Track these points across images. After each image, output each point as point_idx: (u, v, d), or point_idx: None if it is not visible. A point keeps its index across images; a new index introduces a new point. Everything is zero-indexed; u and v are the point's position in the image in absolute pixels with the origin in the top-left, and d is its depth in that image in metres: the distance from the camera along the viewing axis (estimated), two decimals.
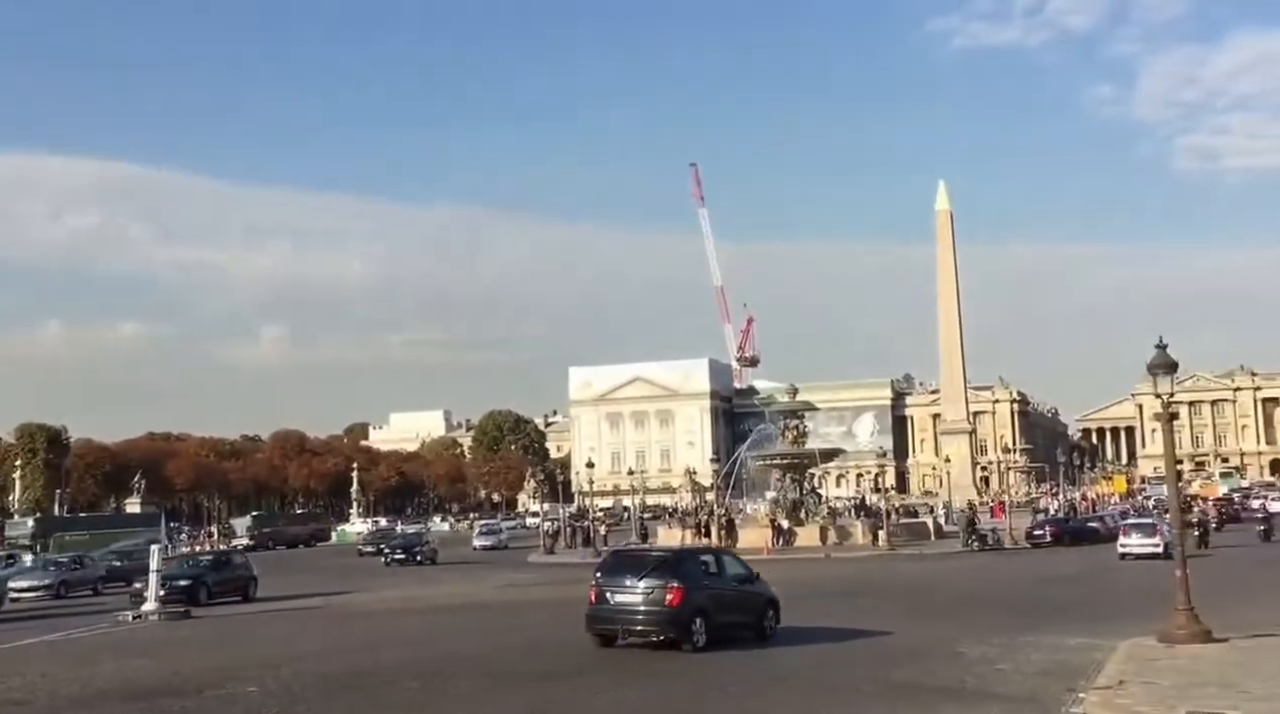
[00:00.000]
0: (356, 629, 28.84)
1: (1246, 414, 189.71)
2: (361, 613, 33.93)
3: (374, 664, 20.99)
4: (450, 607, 34.96)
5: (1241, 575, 38.26)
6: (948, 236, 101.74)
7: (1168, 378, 23.32)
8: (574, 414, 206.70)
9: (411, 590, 42.35)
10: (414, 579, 49.52)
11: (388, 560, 61.88)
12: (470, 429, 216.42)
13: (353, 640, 25.85)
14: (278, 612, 34.75)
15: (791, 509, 62.48)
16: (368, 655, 22.40)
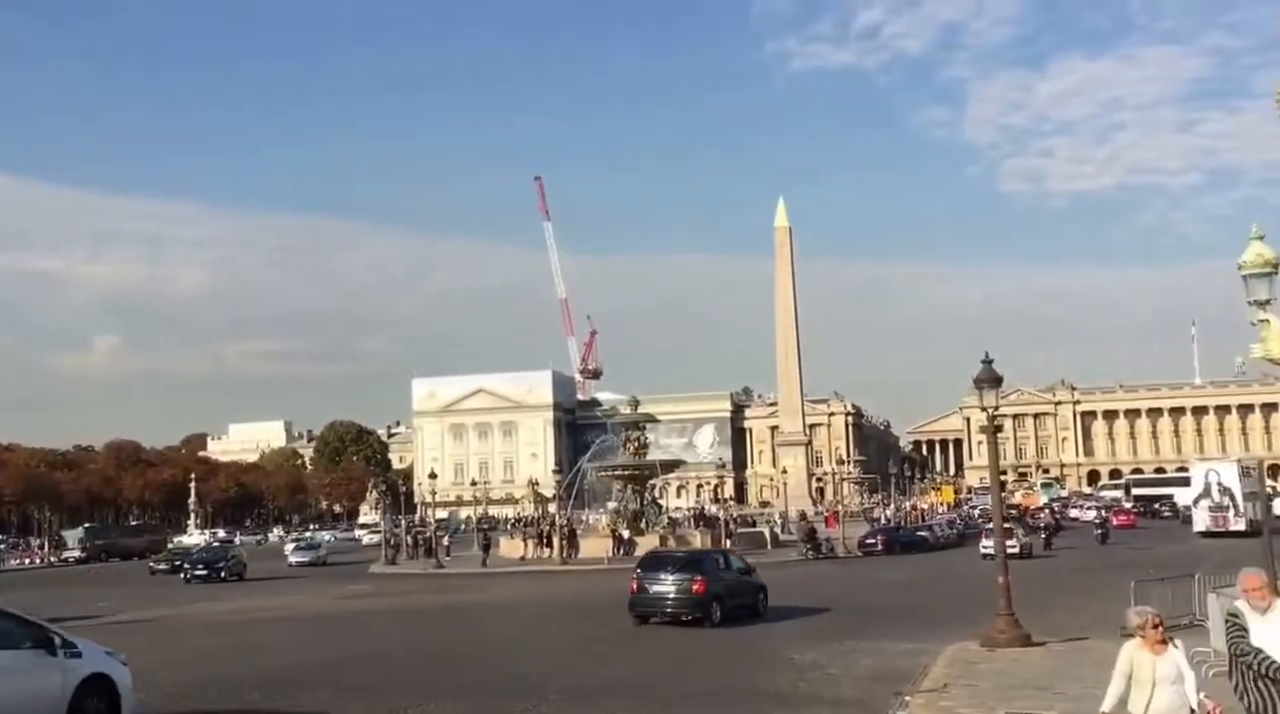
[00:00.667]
0: (183, 643, 27.83)
1: (1066, 427, 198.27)
2: (188, 626, 32.74)
3: (211, 676, 20.30)
4: (287, 618, 34.05)
5: (1061, 582, 39.89)
6: (787, 252, 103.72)
7: (992, 392, 24.26)
8: (417, 425, 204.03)
9: (251, 602, 41.08)
10: (243, 593, 47.99)
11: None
12: (312, 440, 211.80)
13: (185, 655, 24.95)
14: None
15: (632, 519, 62.76)
16: (211, 667, 21.66)
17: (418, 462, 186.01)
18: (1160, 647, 8.94)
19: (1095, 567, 45.81)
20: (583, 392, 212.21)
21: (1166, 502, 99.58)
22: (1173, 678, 8.84)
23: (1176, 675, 8.87)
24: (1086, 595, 32.76)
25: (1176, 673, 8.88)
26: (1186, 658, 8.88)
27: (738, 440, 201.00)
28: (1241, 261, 15.29)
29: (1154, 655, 8.92)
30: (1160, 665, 8.86)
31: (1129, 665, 8.97)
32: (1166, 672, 8.85)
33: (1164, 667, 8.87)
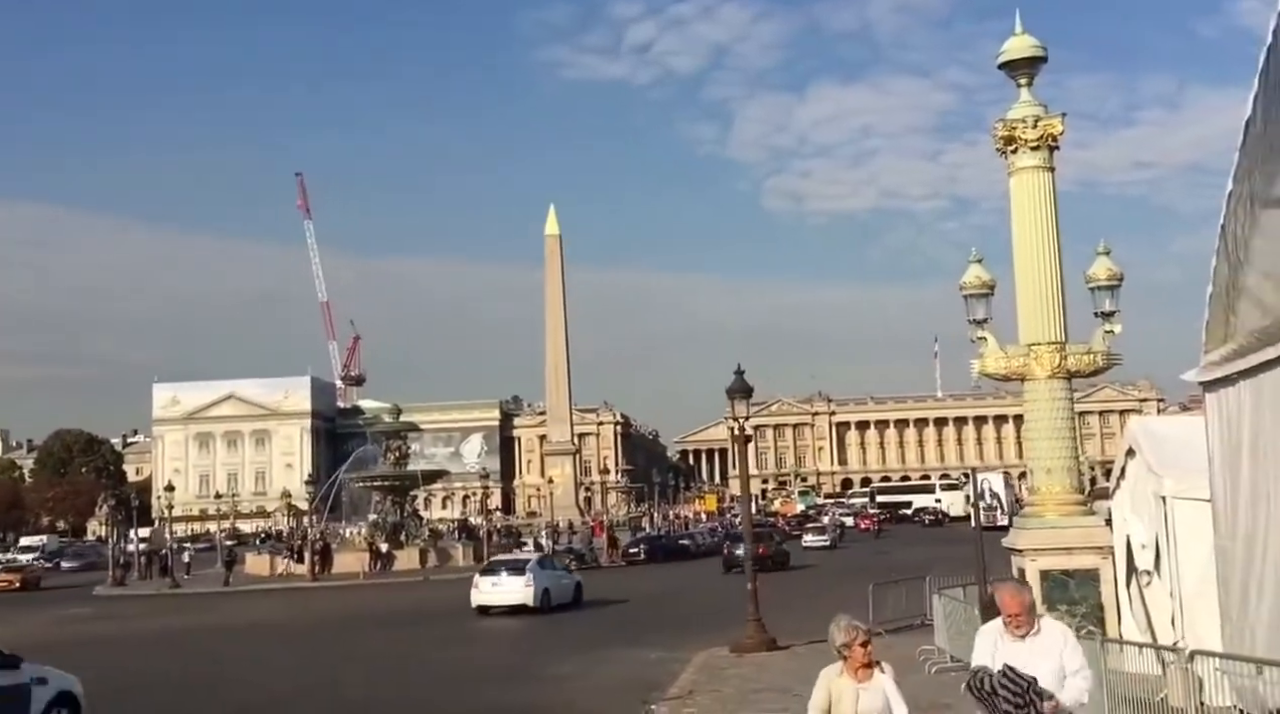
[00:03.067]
0: None
1: (823, 437, 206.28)
2: None
3: None
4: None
5: (809, 585, 41.44)
6: (557, 261, 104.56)
7: (743, 402, 25.21)
8: (157, 434, 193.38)
9: None
10: None
11: None
12: (33, 450, 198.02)
13: None
14: None
15: (392, 532, 61.77)
16: None
17: (156, 473, 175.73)
18: (865, 672, 7.45)
19: (841, 569, 47.77)
20: (343, 399, 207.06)
21: (907, 507, 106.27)
22: (878, 711, 7.41)
23: (884, 707, 7.42)
24: (830, 599, 34.18)
25: (883, 704, 7.42)
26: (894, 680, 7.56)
27: (505, 450, 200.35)
28: (962, 283, 16.44)
29: (857, 684, 7.45)
30: (864, 697, 7.40)
31: (826, 698, 7.55)
32: (870, 704, 7.40)
33: (868, 698, 7.40)
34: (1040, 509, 15.86)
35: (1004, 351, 16.12)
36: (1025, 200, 16.00)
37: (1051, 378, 15.51)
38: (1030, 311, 15.84)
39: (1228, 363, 10.34)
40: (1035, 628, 7.55)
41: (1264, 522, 9.52)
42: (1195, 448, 11.20)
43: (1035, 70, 16.16)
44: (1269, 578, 9.41)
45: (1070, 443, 15.63)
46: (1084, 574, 15.05)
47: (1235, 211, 9.90)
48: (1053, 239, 15.88)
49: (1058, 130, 15.90)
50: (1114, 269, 16.04)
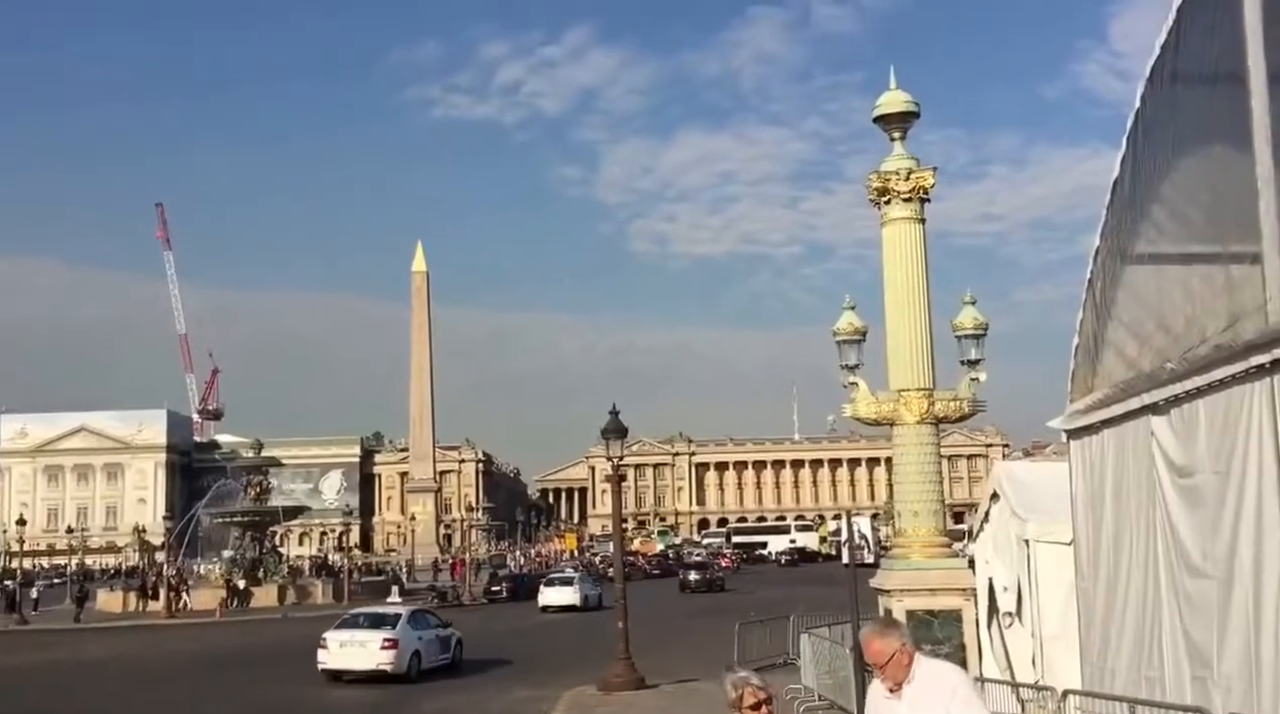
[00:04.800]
0: None
1: (682, 477, 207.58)
2: None
3: None
4: None
5: (677, 625, 41.61)
6: (424, 297, 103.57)
7: (617, 442, 25.28)
8: (4, 466, 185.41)
9: None
10: None
11: None
12: None
13: None
14: None
15: (250, 569, 60.29)
16: None
17: (3, 507, 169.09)
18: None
19: (707, 609, 48.04)
20: (201, 433, 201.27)
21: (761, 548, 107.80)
22: None
23: None
24: (697, 638, 34.40)
25: None
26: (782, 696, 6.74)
27: (366, 487, 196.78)
28: (835, 329, 16.84)
29: None
30: None
31: None
32: None
33: None
34: (907, 550, 16.24)
35: (874, 397, 16.52)
36: (897, 250, 16.48)
37: (920, 423, 15.94)
38: (900, 358, 16.27)
39: (1092, 412, 10.77)
40: (910, 677, 5.96)
41: (1125, 566, 9.88)
42: (1056, 493, 11.65)
43: (909, 125, 16.70)
44: (1129, 621, 9.76)
45: (937, 486, 16.07)
46: (947, 615, 15.43)
47: (1102, 267, 10.35)
48: (922, 288, 16.37)
49: (929, 183, 16.44)
50: (979, 318, 16.61)
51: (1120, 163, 9.36)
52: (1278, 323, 6.48)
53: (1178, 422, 8.91)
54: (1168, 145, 9.02)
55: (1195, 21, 8.26)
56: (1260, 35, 6.32)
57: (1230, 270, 7.46)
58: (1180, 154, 8.67)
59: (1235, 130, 6.96)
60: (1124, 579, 10.07)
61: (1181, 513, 8.75)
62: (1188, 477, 8.16)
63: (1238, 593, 7.36)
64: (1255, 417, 6.84)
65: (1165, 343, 8.97)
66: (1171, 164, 8.94)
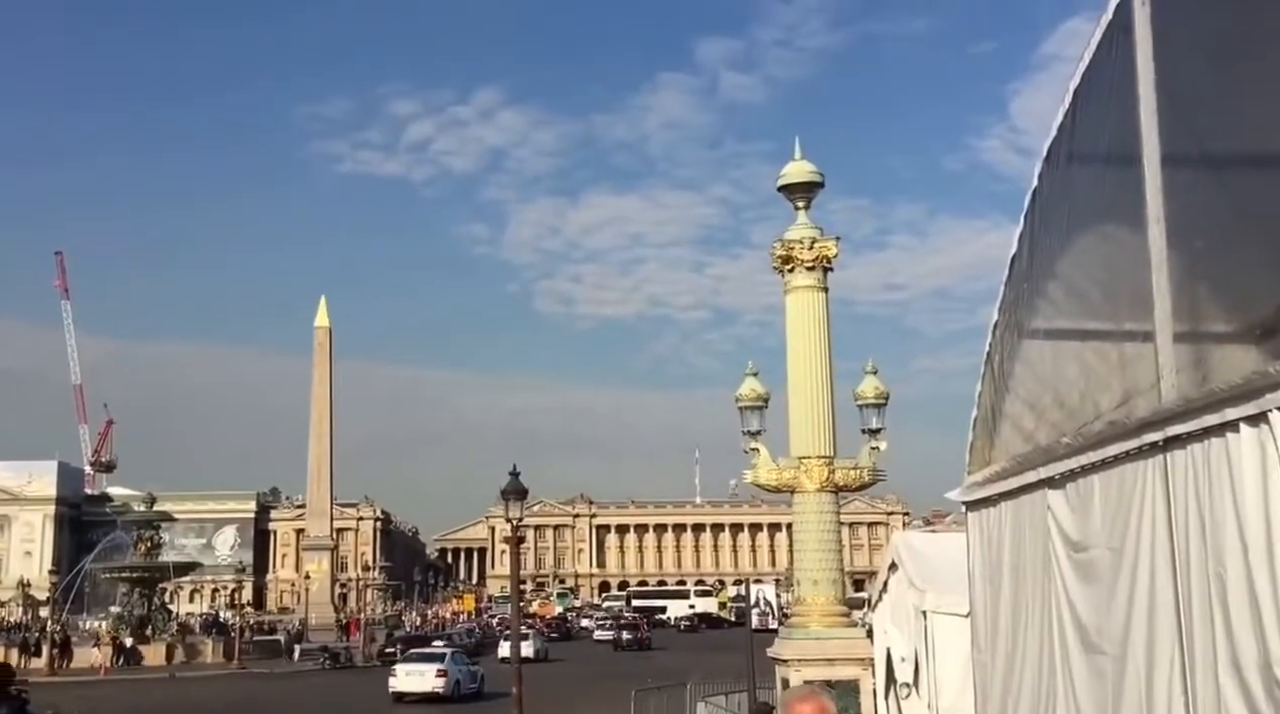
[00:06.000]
0: None
1: (583, 539, 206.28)
2: None
3: None
4: None
5: (572, 688, 41.04)
6: (325, 353, 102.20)
7: (517, 504, 24.98)
8: None
9: None
10: None
11: None
12: None
13: None
14: None
15: (138, 626, 58.63)
16: None
17: None
18: None
19: (599, 674, 47.56)
20: (93, 486, 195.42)
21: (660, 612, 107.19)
22: None
23: None
24: (594, 702, 33.91)
25: None
26: None
27: (260, 543, 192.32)
28: (738, 395, 16.86)
29: None
30: None
31: None
32: None
33: None
34: (805, 619, 16.20)
35: (776, 464, 16.53)
36: (799, 318, 16.60)
37: (820, 491, 15.98)
38: (802, 425, 16.33)
39: (990, 484, 10.80)
40: None
41: (1022, 639, 9.88)
42: (954, 563, 11.68)
43: (813, 194, 16.92)
44: (1025, 695, 9.74)
45: (836, 555, 16.10)
46: (845, 685, 15.39)
47: (1000, 341, 10.45)
48: (824, 356, 16.49)
49: (831, 252, 16.63)
50: (881, 387, 16.78)
51: (1018, 239, 9.49)
52: (1170, 401, 6.54)
53: (1073, 496, 8.97)
54: (1064, 223, 9.15)
55: (1091, 104, 8.42)
56: (1155, 118, 6.43)
57: (1124, 347, 7.53)
58: (1077, 232, 8.79)
59: (1129, 209, 7.06)
60: (1020, 653, 10.06)
61: (1077, 588, 8.76)
62: (1082, 551, 8.19)
63: (1130, 670, 7.36)
64: (1149, 494, 6.89)
65: (1061, 417, 9.03)
66: (1068, 241, 9.05)
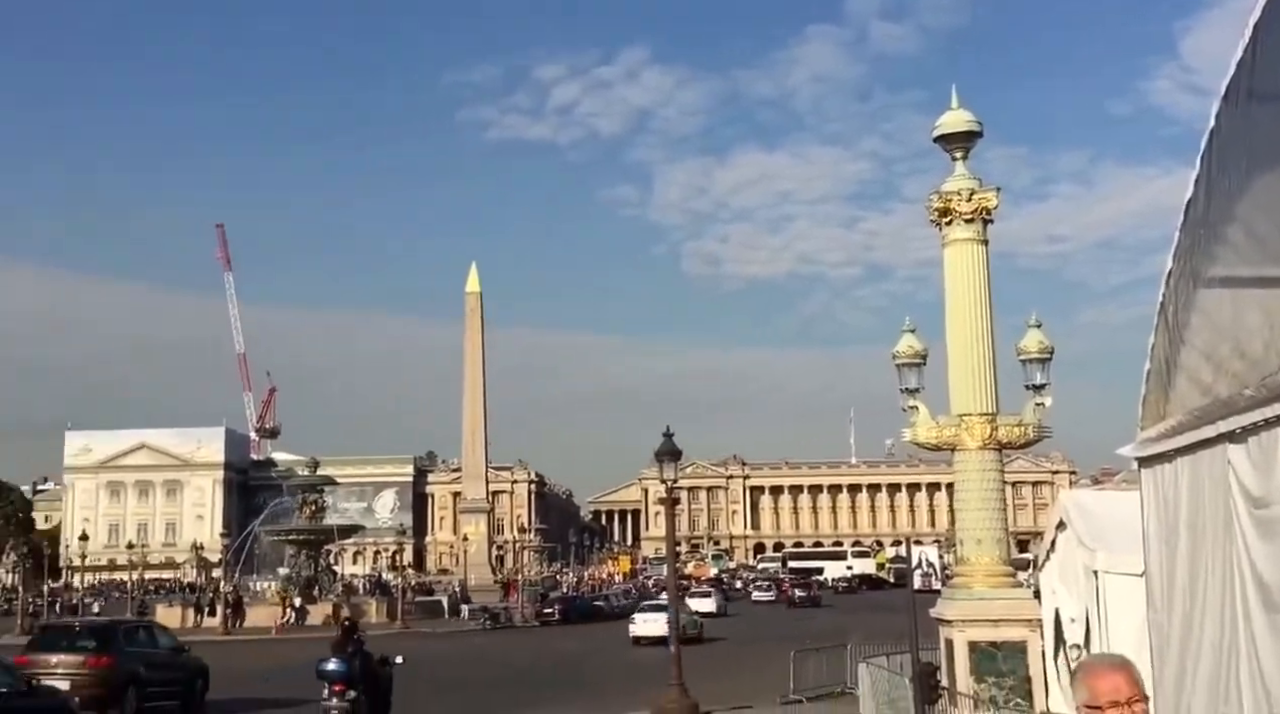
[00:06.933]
0: None
1: (736, 501, 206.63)
2: None
3: None
4: None
5: (731, 651, 41.23)
6: (477, 318, 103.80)
7: (671, 465, 25.05)
8: (68, 482, 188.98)
9: None
10: None
11: None
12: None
13: None
14: None
15: (305, 586, 60.78)
16: None
17: (67, 522, 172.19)
18: None
19: (759, 636, 47.63)
20: (258, 451, 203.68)
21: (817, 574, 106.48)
22: None
23: None
24: (751, 665, 34.04)
25: None
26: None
27: (419, 506, 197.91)
28: (894, 352, 16.58)
29: None
30: None
31: None
32: None
33: None
34: (969, 580, 15.92)
35: (935, 421, 16.23)
36: (959, 272, 16.22)
37: (982, 449, 15.64)
38: (962, 382, 15.98)
39: (1165, 440, 10.43)
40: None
41: (1201, 599, 9.55)
42: (1126, 522, 11.31)
43: (971, 144, 16.46)
44: (1205, 656, 9.42)
45: (1000, 514, 15.76)
46: (1012, 646, 15.09)
47: (1175, 290, 10.05)
48: (985, 311, 16.09)
49: (991, 204, 16.18)
50: (1045, 342, 16.30)
51: (1194, 182, 9.07)
52: None
53: (1255, 451, 8.57)
54: (1244, 164, 8.71)
55: (1272, 37, 7.97)
56: None
57: None
58: (1257, 173, 8.37)
59: None
60: (1199, 612, 9.71)
61: (1259, 546, 8.41)
62: (1264, 508, 7.86)
63: None
64: None
65: (1242, 368, 8.64)
66: (1248, 183, 8.63)
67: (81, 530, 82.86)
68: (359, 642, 19.00)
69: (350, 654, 18.36)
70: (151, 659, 24.35)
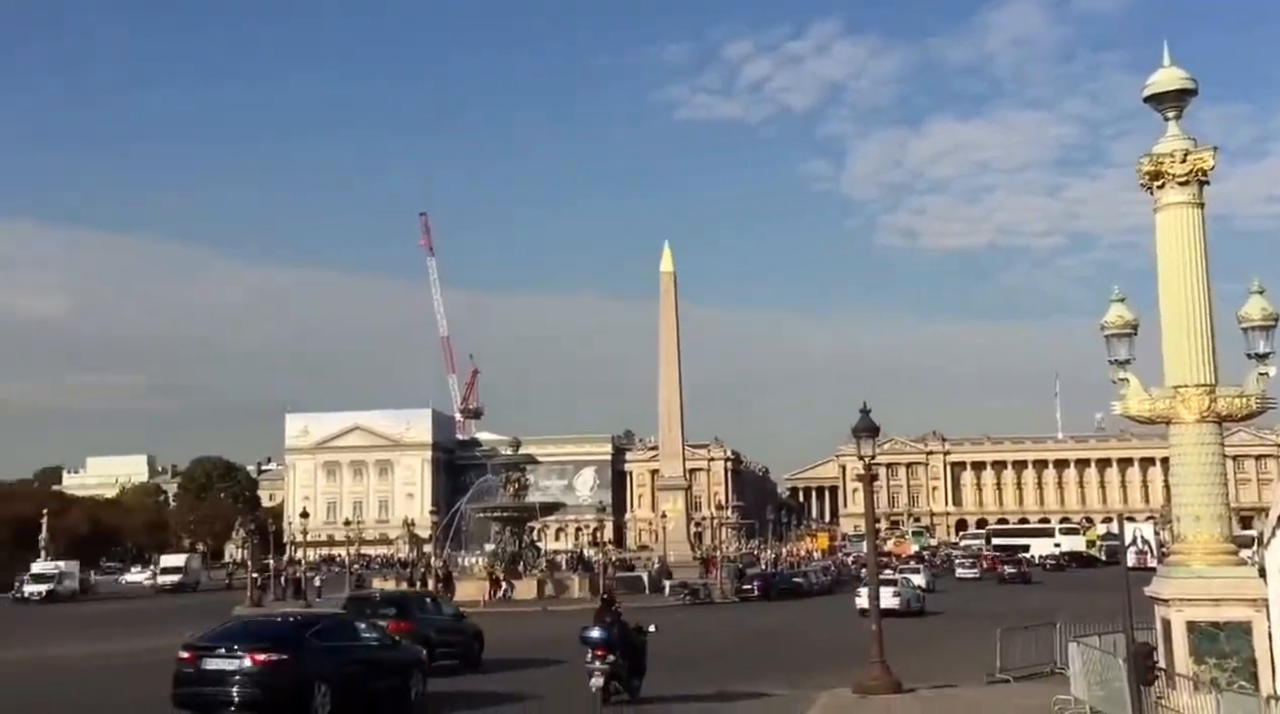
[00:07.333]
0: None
1: (937, 477, 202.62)
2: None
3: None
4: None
5: (933, 628, 40.61)
6: (671, 297, 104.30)
7: (869, 441, 24.79)
8: (289, 462, 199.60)
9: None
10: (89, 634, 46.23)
11: None
12: (176, 476, 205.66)
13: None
14: None
15: (510, 562, 62.21)
16: None
17: (288, 499, 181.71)
18: None
19: (965, 613, 46.78)
20: (462, 431, 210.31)
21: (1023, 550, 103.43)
22: None
23: None
24: (954, 643, 33.43)
25: None
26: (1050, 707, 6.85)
27: (618, 484, 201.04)
28: (1103, 322, 15.98)
29: None
30: None
31: None
32: None
33: None
34: (1186, 557, 15.28)
35: (1148, 394, 15.61)
36: (1172, 237, 15.53)
37: (1200, 421, 14.97)
38: (1177, 352, 15.31)
39: None
40: None
41: None
42: None
43: (1184, 103, 15.71)
44: None
45: (1220, 489, 15.05)
46: (1235, 627, 14.43)
47: None
48: (1201, 277, 15.36)
49: (1208, 165, 15.43)
50: (1269, 308, 15.46)
51: None
52: None
53: None
54: None
55: None
56: None
57: None
58: None
59: None
60: None
61: None
62: None
63: None
64: None
65: None
66: None
67: (302, 508, 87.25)
68: (616, 613, 21.78)
69: (609, 623, 20.97)
70: (439, 625, 28.09)
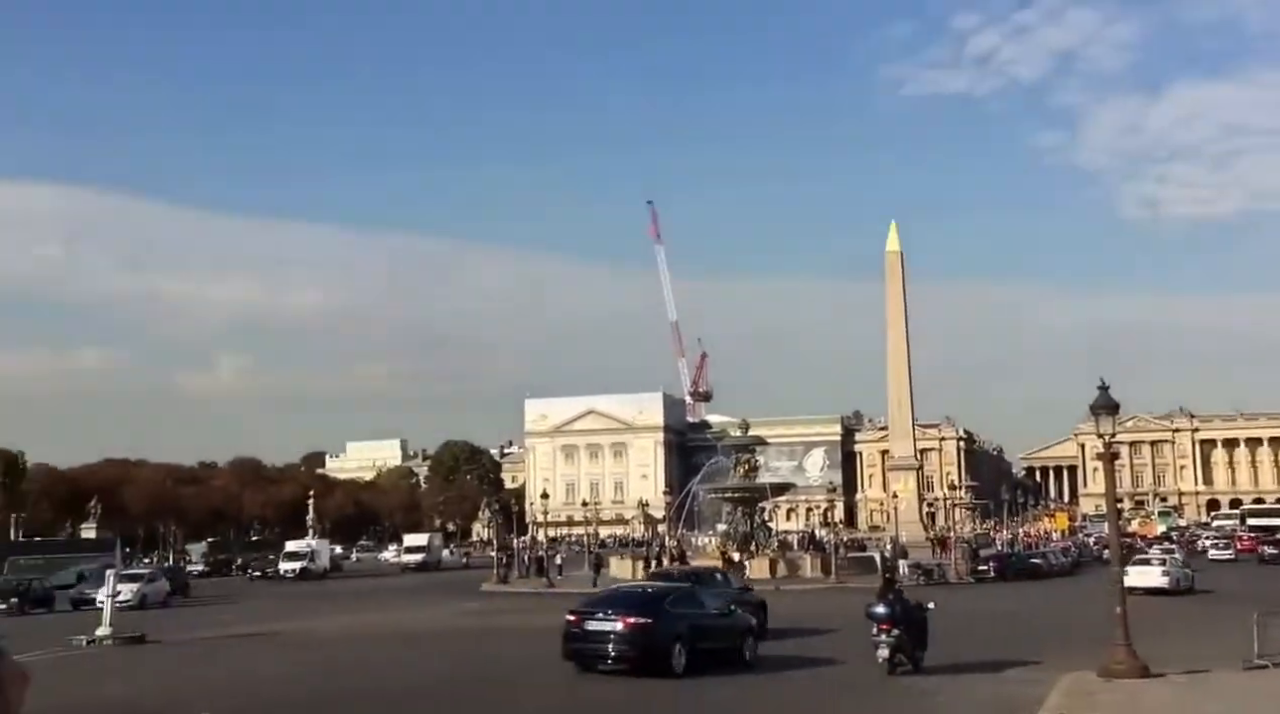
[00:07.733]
0: (314, 656, 29.01)
1: (1184, 455, 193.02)
2: (320, 640, 34.02)
3: (333, 690, 21.30)
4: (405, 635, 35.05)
5: (1183, 611, 39.16)
6: (898, 277, 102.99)
7: (1109, 419, 24.17)
8: (529, 445, 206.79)
9: (369, 617, 42.40)
10: (355, 607, 49.41)
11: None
12: (427, 459, 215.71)
13: (311, 667, 26.07)
14: (236, 638, 34.68)
15: (742, 542, 62.85)
16: (328, 682, 22.70)
17: (529, 481, 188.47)
18: None
19: (1219, 595, 44.95)
20: (692, 414, 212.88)
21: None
22: None
23: None
24: (1205, 626, 32.28)
25: None
26: None
27: (848, 464, 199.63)
28: None
29: None
30: None
31: None
32: None
33: None
34: None
35: None
36: None
37: None
38: None
39: None
40: None
41: None
42: None
43: None
44: None
45: None
46: None
47: None
48: None
49: None
50: None
51: None
52: None
53: None
54: None
55: None
56: None
57: None
58: None
59: None
60: None
61: None
62: None
63: None
64: None
65: None
66: None
67: (543, 490, 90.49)
68: (899, 591, 23.86)
69: (892, 600, 22.82)
70: (728, 597, 30.53)
